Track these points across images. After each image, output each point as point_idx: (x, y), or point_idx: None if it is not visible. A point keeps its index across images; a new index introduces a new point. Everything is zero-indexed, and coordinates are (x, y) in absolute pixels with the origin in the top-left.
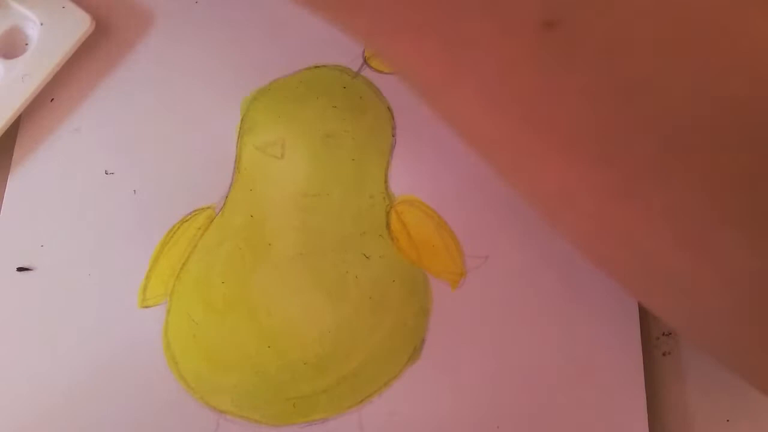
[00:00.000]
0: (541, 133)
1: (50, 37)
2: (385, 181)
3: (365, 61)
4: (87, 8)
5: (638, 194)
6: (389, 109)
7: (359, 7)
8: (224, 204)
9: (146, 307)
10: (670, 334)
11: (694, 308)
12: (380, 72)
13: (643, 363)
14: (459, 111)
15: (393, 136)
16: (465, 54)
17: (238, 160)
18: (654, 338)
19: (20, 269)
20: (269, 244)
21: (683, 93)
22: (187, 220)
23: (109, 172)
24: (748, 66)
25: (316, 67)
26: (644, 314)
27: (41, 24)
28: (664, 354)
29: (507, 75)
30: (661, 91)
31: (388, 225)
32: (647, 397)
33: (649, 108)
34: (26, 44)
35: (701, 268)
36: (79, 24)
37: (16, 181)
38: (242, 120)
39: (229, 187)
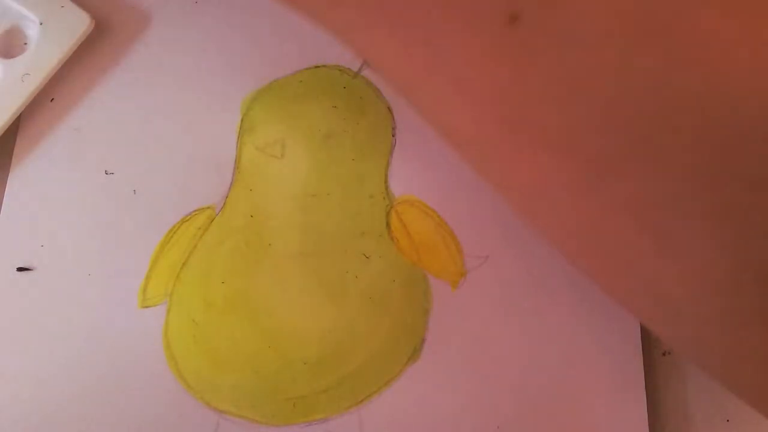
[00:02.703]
0: (511, 125)
1: (50, 36)
2: (385, 181)
3: (365, 61)
4: (87, 8)
5: (602, 185)
6: (389, 109)
7: (339, 3)
8: (224, 204)
9: (146, 307)
10: None
11: (666, 309)
12: None
13: (643, 363)
14: (433, 105)
15: (393, 136)
16: (438, 48)
17: (238, 160)
18: (654, 338)
19: (20, 269)
20: (269, 244)
21: (639, 83)
22: (187, 220)
23: (109, 172)
24: (700, 61)
25: (316, 67)
26: None
27: (41, 24)
28: (664, 354)
29: (476, 68)
30: (614, 82)
31: (388, 225)
32: (647, 397)
33: (602, 99)
34: (26, 44)
35: (664, 259)
36: (79, 24)
37: (16, 181)
38: (242, 120)
39: (229, 187)
